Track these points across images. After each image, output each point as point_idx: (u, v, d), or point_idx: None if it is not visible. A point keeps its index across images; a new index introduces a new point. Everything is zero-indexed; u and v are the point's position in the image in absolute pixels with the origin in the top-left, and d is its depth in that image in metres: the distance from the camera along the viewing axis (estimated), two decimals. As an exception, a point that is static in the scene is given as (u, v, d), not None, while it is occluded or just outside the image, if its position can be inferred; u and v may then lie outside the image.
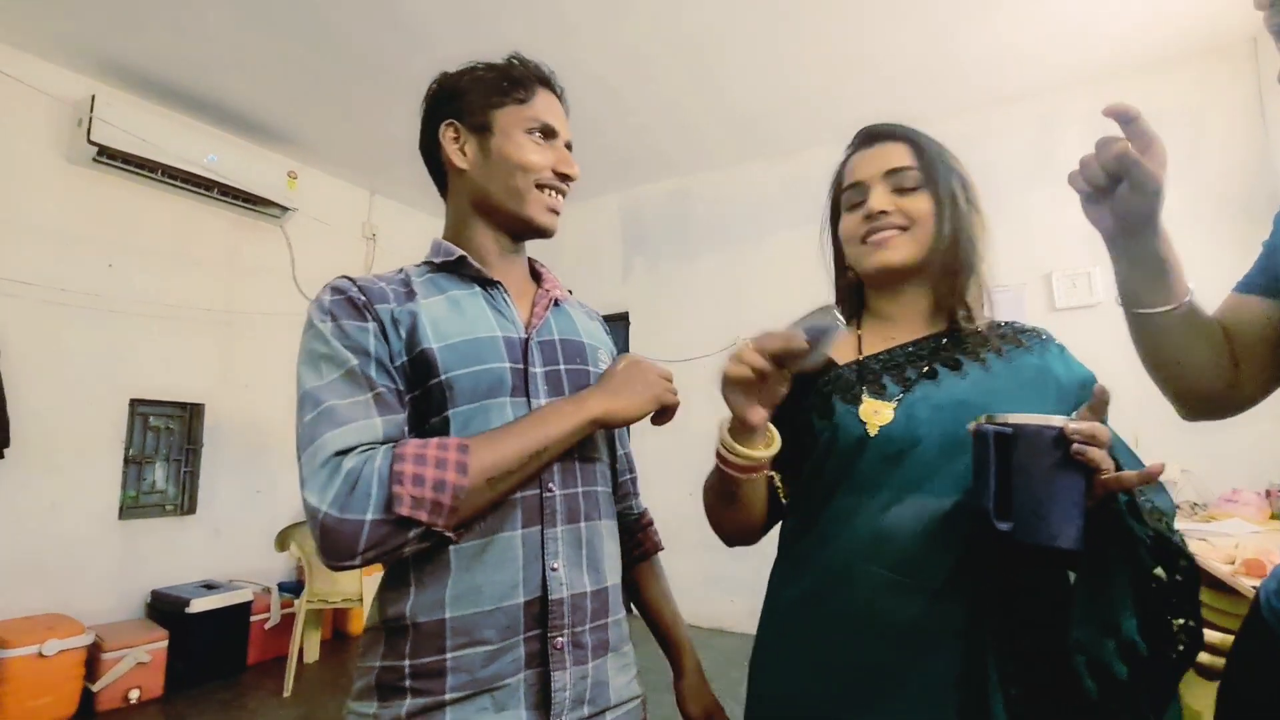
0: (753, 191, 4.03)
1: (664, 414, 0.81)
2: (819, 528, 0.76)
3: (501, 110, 0.82)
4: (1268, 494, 2.48)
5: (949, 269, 0.80)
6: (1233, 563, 1.76)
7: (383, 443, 0.68)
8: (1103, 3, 2.57)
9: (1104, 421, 0.61)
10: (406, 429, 0.72)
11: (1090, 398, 0.63)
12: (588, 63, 2.98)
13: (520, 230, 0.86)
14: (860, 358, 0.81)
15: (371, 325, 0.73)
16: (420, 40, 2.80)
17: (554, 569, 0.73)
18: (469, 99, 0.83)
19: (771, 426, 0.72)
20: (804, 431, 0.79)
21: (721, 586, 3.66)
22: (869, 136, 0.85)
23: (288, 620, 3.26)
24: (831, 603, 0.73)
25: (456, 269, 0.83)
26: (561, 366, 0.81)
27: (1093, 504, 0.59)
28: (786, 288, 3.85)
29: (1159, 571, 0.60)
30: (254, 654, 3.21)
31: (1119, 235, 0.66)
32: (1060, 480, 0.57)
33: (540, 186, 0.83)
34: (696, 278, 4.18)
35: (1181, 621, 0.60)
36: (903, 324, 0.84)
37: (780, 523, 0.84)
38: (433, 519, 0.64)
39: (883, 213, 0.79)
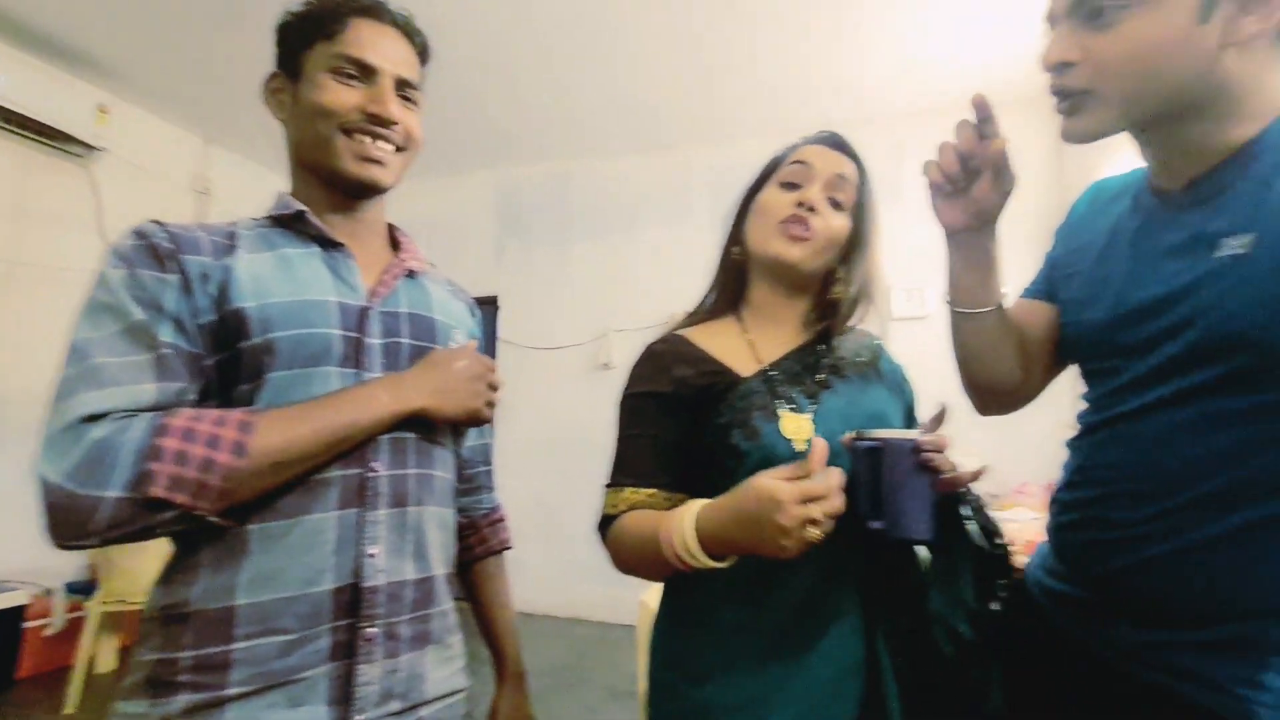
0: (634, 184, 4.05)
1: (476, 422, 0.80)
2: None
3: (311, 51, 0.75)
4: (1049, 486, 2.92)
5: (831, 291, 0.85)
6: (1017, 545, 2.06)
7: (152, 410, 0.61)
8: (943, 44, 2.87)
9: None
10: (193, 398, 0.65)
11: (906, 391, 0.83)
12: (473, 31, 2.83)
13: (339, 184, 0.77)
14: (762, 367, 0.82)
15: (173, 278, 0.66)
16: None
17: (371, 555, 0.68)
18: (285, 45, 0.76)
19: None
20: (725, 453, 0.77)
21: (580, 575, 3.66)
22: (834, 141, 0.86)
23: (77, 625, 2.82)
24: (769, 606, 0.75)
25: (295, 225, 0.75)
26: (404, 340, 0.76)
27: (939, 500, 0.69)
28: (660, 284, 3.95)
29: (986, 546, 0.73)
30: (30, 666, 2.76)
31: (964, 232, 0.72)
32: (916, 483, 0.67)
33: (347, 131, 0.74)
34: (571, 265, 4.13)
35: (1004, 582, 0.74)
36: (786, 324, 0.87)
37: None
38: (194, 502, 0.59)
39: (813, 209, 0.80)
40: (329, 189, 0.78)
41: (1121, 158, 0.70)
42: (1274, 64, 0.58)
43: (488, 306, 4.23)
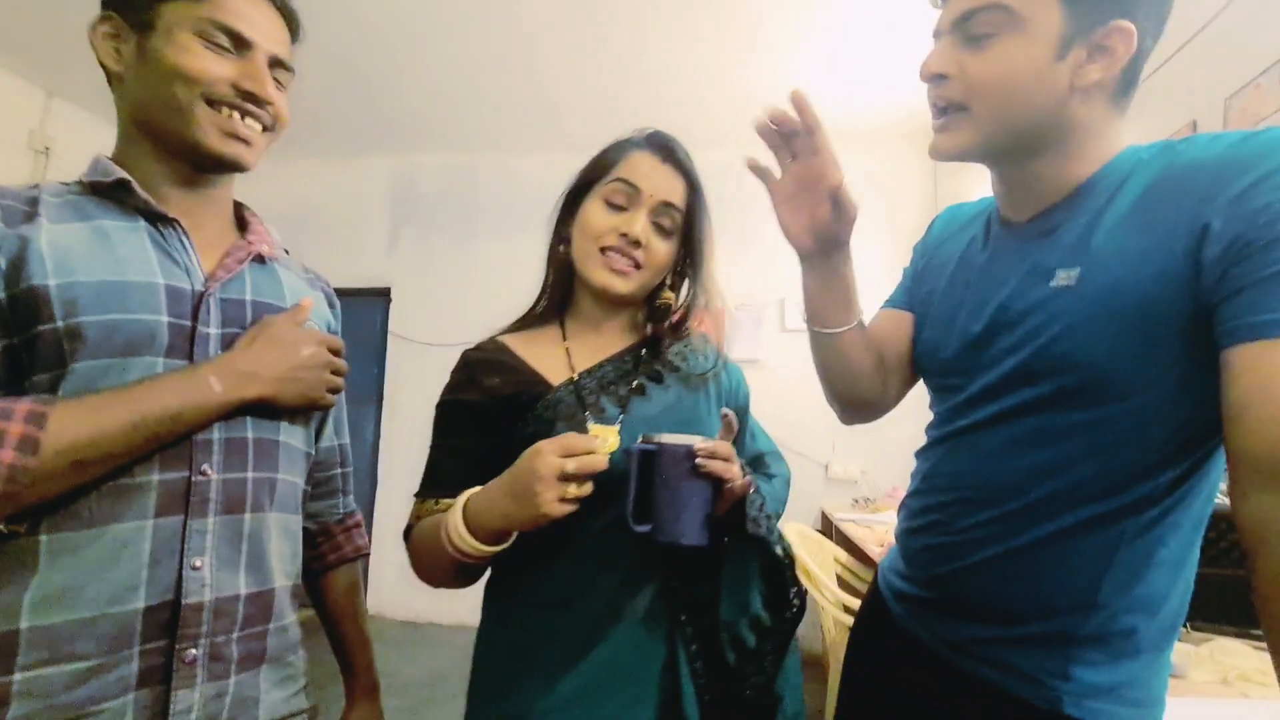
0: (539, 181, 3.95)
1: (316, 408, 0.75)
2: (562, 549, 0.76)
3: (169, 5, 0.66)
4: (915, 490, 3.17)
5: (658, 298, 0.87)
6: (881, 545, 2.23)
7: None
8: (835, 75, 3.04)
9: (735, 442, 0.76)
10: None
11: (739, 398, 0.85)
12: (380, 10, 2.67)
13: (192, 157, 0.70)
14: (574, 376, 0.81)
15: None
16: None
17: (195, 567, 0.62)
18: None
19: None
20: None
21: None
22: (665, 151, 0.83)
23: None
24: (577, 611, 0.74)
25: (115, 195, 0.66)
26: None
27: (725, 508, 0.70)
28: (561, 283, 3.90)
29: (779, 553, 0.76)
30: None
31: (816, 256, 0.75)
32: (690, 488, 0.67)
33: (212, 103, 0.67)
34: (472, 260, 3.99)
35: (795, 589, 0.78)
36: (608, 332, 0.86)
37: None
38: None
39: (636, 242, 0.79)
40: (171, 158, 0.70)
41: (984, 188, 0.77)
42: (1111, 116, 0.65)
43: (379, 298, 4.02)
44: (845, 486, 3.45)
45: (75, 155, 3.38)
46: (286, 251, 0.83)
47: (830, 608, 1.98)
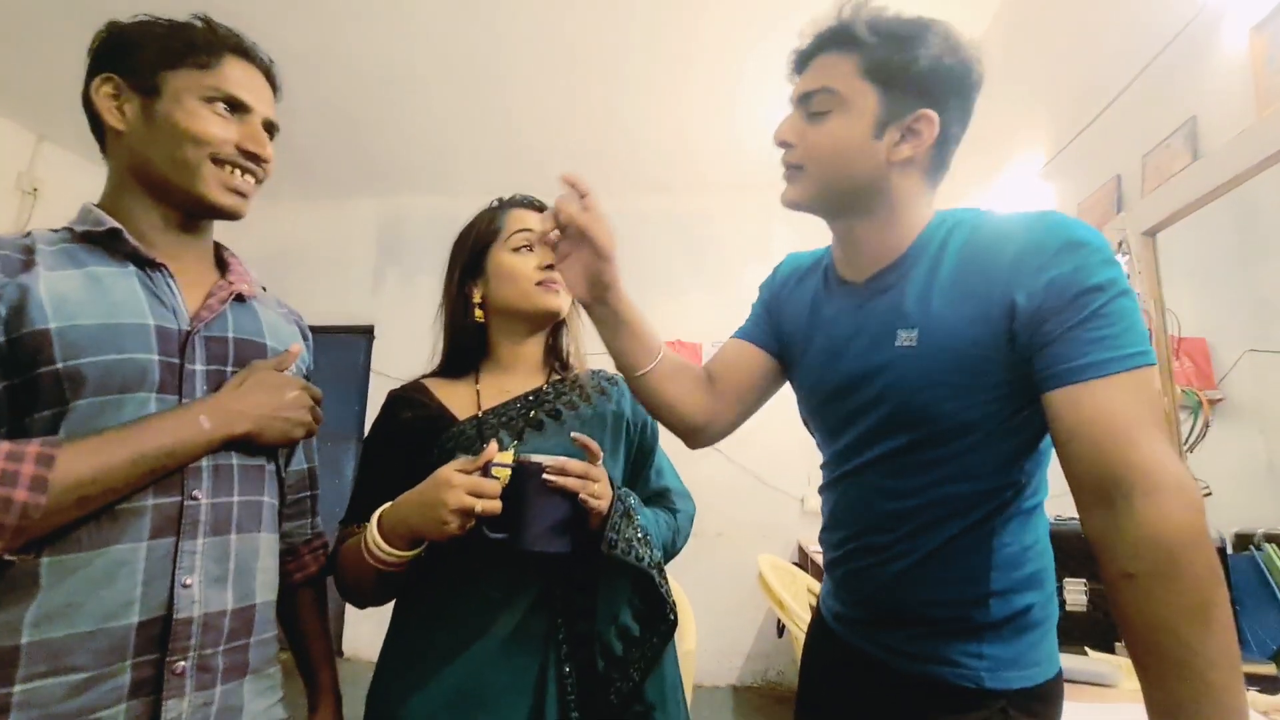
0: (519, 224, 4.08)
1: (290, 444, 0.81)
2: (441, 567, 0.83)
3: (175, 73, 0.74)
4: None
5: (559, 338, 1.00)
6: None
7: None
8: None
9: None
10: None
11: (636, 428, 0.96)
12: (371, 59, 2.80)
13: (193, 209, 0.77)
14: (479, 413, 0.90)
15: None
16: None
17: (185, 585, 0.67)
18: (137, 55, 0.74)
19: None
20: None
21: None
22: (538, 207, 1.00)
23: None
24: (452, 625, 0.82)
25: (106, 243, 0.72)
26: (229, 368, 0.75)
27: (596, 522, 0.79)
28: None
29: (647, 569, 0.82)
30: None
31: (593, 302, 0.82)
32: (544, 501, 0.75)
33: (218, 162, 0.75)
34: (453, 300, 4.06)
35: (666, 589, 0.85)
36: (518, 374, 0.97)
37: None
38: None
39: (551, 266, 0.91)
40: (165, 206, 0.76)
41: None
42: (924, 188, 0.76)
43: (362, 335, 4.06)
44: (820, 520, 3.50)
45: (62, 196, 3.44)
46: (264, 289, 0.90)
47: (803, 636, 2.01)
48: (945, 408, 0.70)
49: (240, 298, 0.80)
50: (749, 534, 3.53)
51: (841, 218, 0.80)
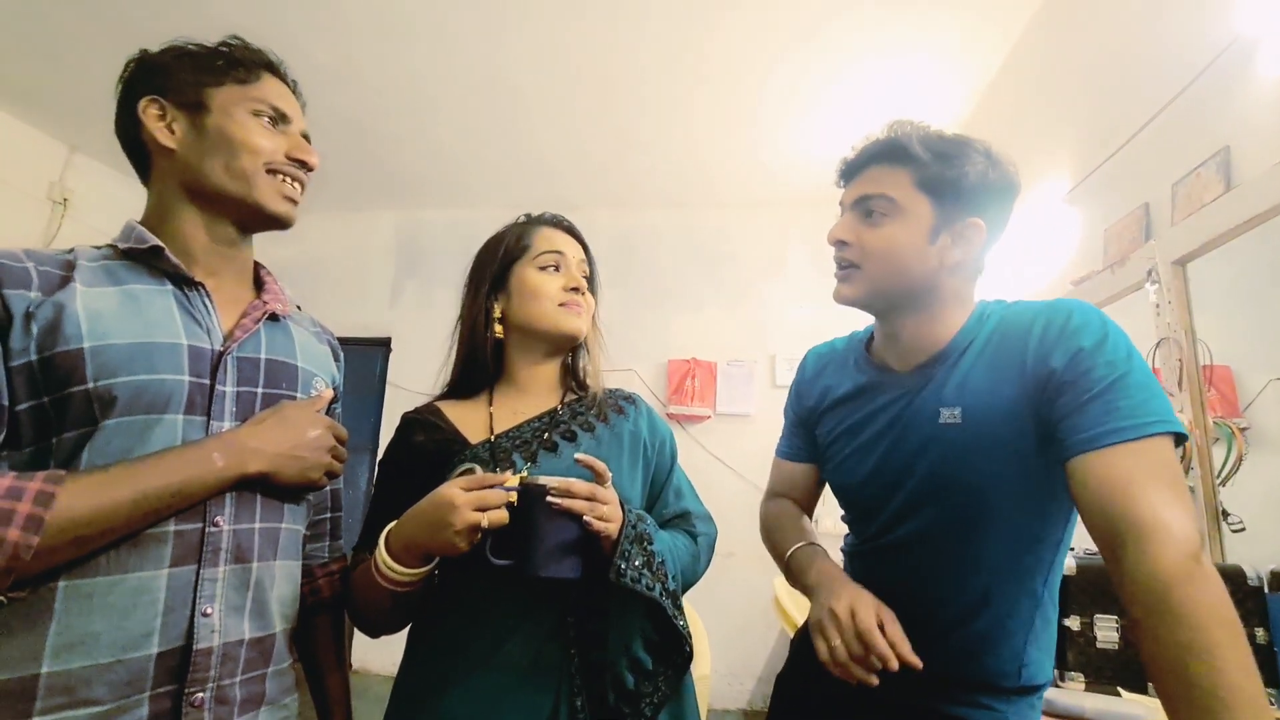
0: (536, 238, 4.09)
1: (312, 489, 0.80)
2: (455, 597, 0.83)
3: (219, 89, 0.76)
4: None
5: (577, 359, 1.01)
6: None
7: None
8: (824, 144, 3.22)
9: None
10: None
11: (654, 449, 0.94)
12: (394, 75, 2.84)
13: (249, 218, 0.79)
14: (492, 436, 0.89)
15: None
16: (177, -6, 2.41)
17: (205, 614, 0.65)
18: (176, 75, 0.76)
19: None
20: None
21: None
22: (570, 228, 1.02)
23: None
24: (466, 656, 0.79)
25: (147, 260, 0.73)
26: (259, 390, 0.75)
27: (608, 547, 0.75)
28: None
29: (659, 599, 0.78)
30: None
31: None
32: (552, 524, 0.72)
33: (272, 171, 0.77)
34: (469, 313, 4.07)
35: (683, 622, 0.82)
36: (532, 395, 0.96)
37: None
38: None
39: (577, 289, 0.94)
40: (217, 220, 0.77)
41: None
42: (969, 286, 0.84)
43: (379, 347, 4.08)
44: (834, 541, 3.42)
45: (92, 206, 3.51)
46: (299, 308, 0.90)
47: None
48: (981, 472, 0.75)
49: (274, 317, 0.80)
50: (761, 554, 3.45)
51: (892, 313, 0.85)
